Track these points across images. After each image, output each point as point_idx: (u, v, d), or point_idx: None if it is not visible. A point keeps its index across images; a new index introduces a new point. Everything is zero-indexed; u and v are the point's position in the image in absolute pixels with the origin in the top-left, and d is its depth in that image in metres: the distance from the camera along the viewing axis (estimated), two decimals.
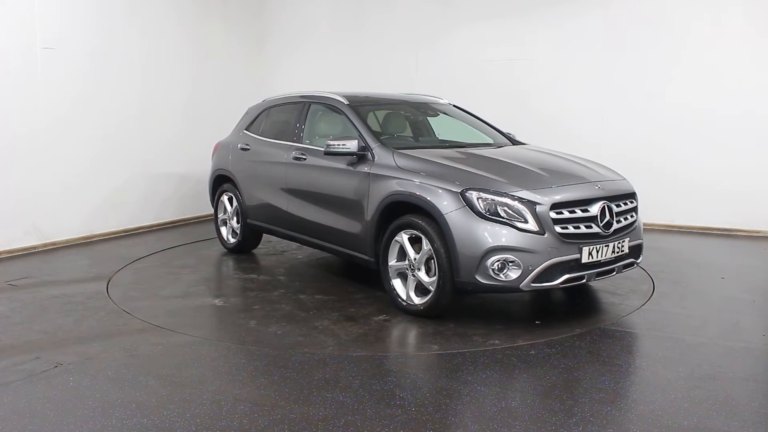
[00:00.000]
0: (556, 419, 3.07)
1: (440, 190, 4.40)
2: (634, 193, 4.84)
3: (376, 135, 5.18)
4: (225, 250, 6.86)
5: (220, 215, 6.90)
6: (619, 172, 5.10)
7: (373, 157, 4.96)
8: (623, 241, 4.55)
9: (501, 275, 4.18)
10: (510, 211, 4.22)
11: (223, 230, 6.89)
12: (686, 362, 3.78)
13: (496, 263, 4.17)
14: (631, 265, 4.74)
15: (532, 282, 4.19)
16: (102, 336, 4.25)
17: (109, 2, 7.49)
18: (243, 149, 6.54)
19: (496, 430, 2.97)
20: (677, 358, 3.85)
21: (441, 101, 6.30)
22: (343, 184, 5.17)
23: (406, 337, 4.35)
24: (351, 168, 5.09)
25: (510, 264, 4.17)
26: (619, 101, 8.08)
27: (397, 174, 4.72)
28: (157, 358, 3.88)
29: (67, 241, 7.12)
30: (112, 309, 4.84)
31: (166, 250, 6.89)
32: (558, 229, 4.24)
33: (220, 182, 6.88)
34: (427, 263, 4.50)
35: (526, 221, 4.20)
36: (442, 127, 6.15)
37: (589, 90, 8.21)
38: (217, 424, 3.02)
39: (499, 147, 5.58)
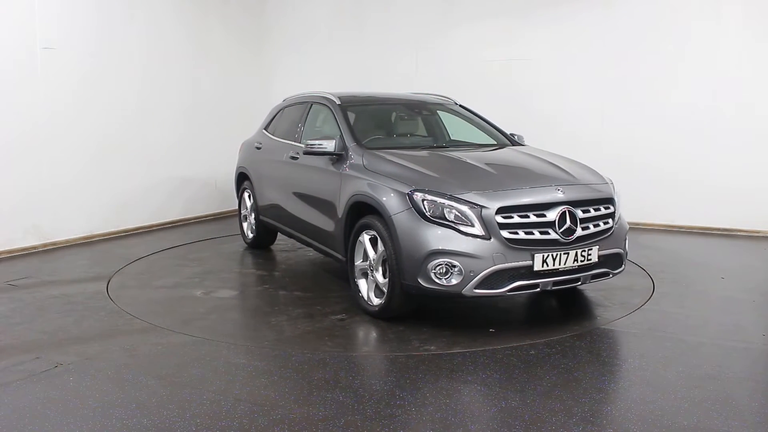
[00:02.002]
0: (556, 419, 3.07)
1: (391, 192, 4.37)
2: (611, 199, 4.55)
3: (353, 135, 5.18)
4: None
5: (243, 211, 7.14)
6: (605, 176, 4.84)
7: (348, 157, 5.00)
8: (590, 250, 4.28)
9: (443, 280, 4.08)
10: (456, 214, 4.10)
11: (245, 226, 7.13)
12: (686, 362, 3.78)
13: (438, 267, 4.06)
14: (603, 275, 4.49)
15: (476, 288, 4.04)
16: (102, 336, 4.25)
17: (109, 2, 7.49)
18: (257, 148, 6.73)
19: (496, 430, 2.97)
20: (677, 358, 3.85)
21: (446, 101, 6.22)
22: (323, 184, 5.24)
23: (346, 337, 4.29)
24: (330, 167, 5.14)
25: (452, 269, 4.05)
26: (619, 101, 8.08)
27: (363, 174, 4.72)
28: (157, 358, 3.88)
29: (67, 241, 7.12)
30: (112, 309, 4.84)
31: (167, 250, 6.89)
32: (505, 234, 4.07)
33: (242, 180, 7.13)
34: (384, 265, 4.45)
35: (472, 225, 4.07)
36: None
37: (589, 90, 8.21)
38: (217, 424, 3.02)
39: (493, 148, 5.48)
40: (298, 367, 3.74)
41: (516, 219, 4.13)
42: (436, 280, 4.09)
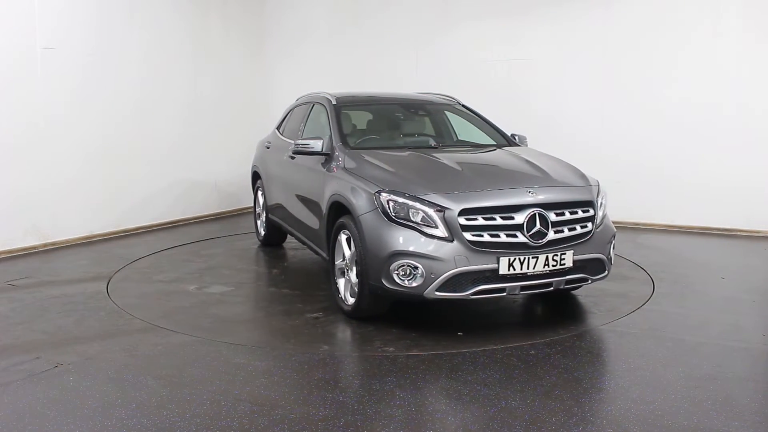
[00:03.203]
0: (556, 419, 3.07)
1: (361, 192, 4.39)
2: (590, 202, 4.40)
3: (341, 135, 5.19)
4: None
5: (257, 209, 7.28)
6: (591, 179, 4.70)
7: (334, 157, 5.02)
8: (563, 254, 4.15)
9: (406, 281, 4.04)
10: (423, 216, 4.06)
11: (258, 224, 7.26)
12: (686, 362, 3.78)
13: (400, 268, 4.04)
14: (581, 281, 4.37)
15: (437, 291, 3.99)
16: (102, 336, 4.25)
17: (109, 2, 7.48)
18: (267, 147, 6.84)
19: (496, 430, 2.97)
20: (677, 358, 3.85)
21: (450, 101, 6.16)
22: (312, 183, 5.27)
23: (313, 335, 4.31)
24: (319, 167, 5.16)
25: (414, 270, 4.01)
26: (620, 101, 8.07)
27: (342, 174, 4.74)
28: (157, 358, 3.88)
29: (67, 241, 7.12)
30: (112, 309, 4.84)
31: (167, 250, 6.89)
32: (468, 236, 4.00)
33: (255, 178, 7.25)
34: (357, 265, 4.45)
35: (435, 226, 4.03)
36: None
37: (589, 90, 8.21)
38: (217, 424, 3.02)
39: (485, 149, 5.40)
40: (298, 367, 3.74)
41: (480, 221, 4.04)
42: (399, 282, 4.07)
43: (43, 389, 3.42)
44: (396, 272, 4.06)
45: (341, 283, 4.67)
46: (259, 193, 7.08)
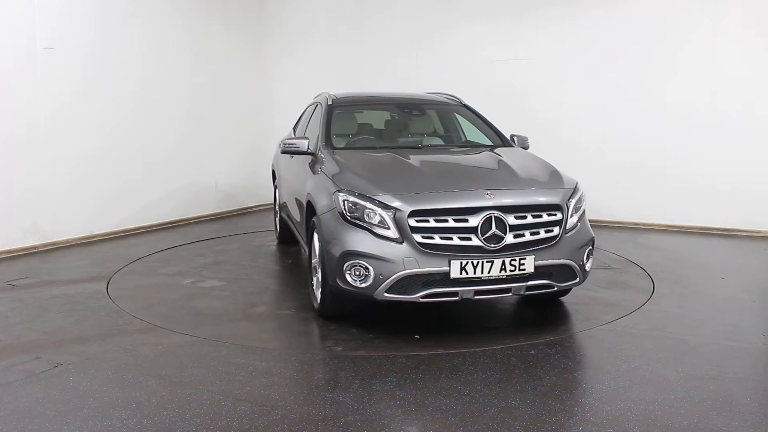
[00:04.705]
0: (556, 419, 3.07)
1: (324, 192, 4.43)
2: (557, 205, 4.21)
3: (327, 135, 5.23)
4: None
5: (276, 207, 7.43)
6: (568, 181, 4.49)
7: (317, 157, 5.06)
8: (522, 259, 4.01)
9: (358, 281, 4.03)
10: (374, 216, 4.04)
11: (276, 221, 7.41)
12: (686, 362, 3.78)
13: (353, 269, 4.03)
14: (545, 288, 4.16)
15: (386, 292, 3.96)
16: (102, 336, 4.25)
17: (108, 2, 7.49)
18: (281, 147, 6.87)
19: (496, 430, 2.97)
20: (677, 358, 3.85)
21: (452, 101, 6.10)
22: (300, 182, 5.32)
23: (268, 331, 4.44)
24: (306, 167, 5.21)
25: (366, 271, 3.99)
26: (620, 101, 8.07)
27: (318, 174, 4.78)
28: (157, 358, 3.89)
29: (67, 241, 7.12)
30: (112, 309, 4.84)
31: (167, 250, 6.89)
32: (418, 238, 3.94)
33: (274, 177, 7.42)
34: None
35: (388, 227, 3.99)
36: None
37: (589, 90, 8.20)
38: (217, 424, 3.02)
39: (469, 151, 5.35)
40: (298, 367, 3.74)
41: (432, 223, 3.98)
42: (351, 282, 4.06)
43: (43, 389, 3.42)
44: (348, 272, 4.06)
45: (315, 281, 4.70)
46: (276, 191, 7.26)
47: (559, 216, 4.19)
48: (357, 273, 4.03)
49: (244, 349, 4.04)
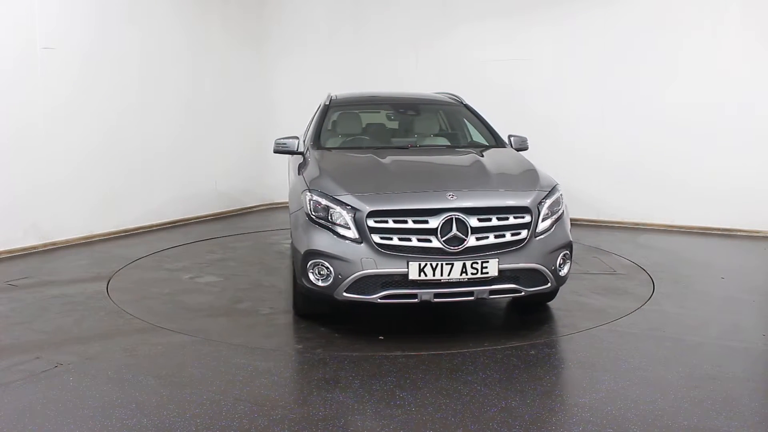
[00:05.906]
0: (556, 419, 3.07)
1: (297, 191, 4.48)
2: (525, 208, 4.09)
3: (317, 135, 5.26)
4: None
5: None
6: (546, 183, 4.37)
7: (304, 156, 5.09)
8: (485, 262, 3.92)
9: (320, 281, 4.04)
10: (337, 216, 4.03)
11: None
12: (686, 362, 3.78)
13: (315, 267, 4.04)
14: (511, 292, 4.06)
15: (345, 292, 3.94)
16: (102, 336, 4.25)
17: (108, 2, 7.48)
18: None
19: (496, 430, 2.97)
20: (677, 358, 3.85)
21: (453, 101, 6.08)
22: (291, 181, 5.35)
23: (242, 327, 4.46)
24: (297, 167, 5.22)
25: (327, 270, 4.00)
26: (620, 101, 8.07)
27: (300, 173, 4.80)
28: (157, 358, 3.88)
29: (67, 241, 7.12)
30: (112, 309, 4.84)
31: (167, 250, 6.89)
32: (377, 238, 3.91)
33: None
34: None
35: (349, 227, 3.98)
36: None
37: (589, 90, 8.21)
38: (217, 424, 3.02)
39: (454, 151, 5.26)
40: (298, 367, 3.74)
41: (390, 224, 3.94)
42: (313, 281, 4.07)
43: (43, 389, 3.42)
44: (311, 271, 4.07)
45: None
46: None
47: (527, 219, 4.08)
48: (319, 272, 4.05)
49: (244, 349, 4.04)
